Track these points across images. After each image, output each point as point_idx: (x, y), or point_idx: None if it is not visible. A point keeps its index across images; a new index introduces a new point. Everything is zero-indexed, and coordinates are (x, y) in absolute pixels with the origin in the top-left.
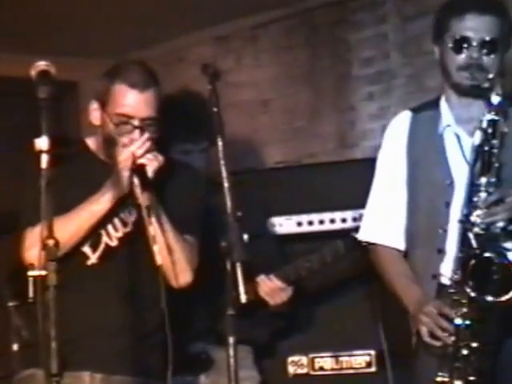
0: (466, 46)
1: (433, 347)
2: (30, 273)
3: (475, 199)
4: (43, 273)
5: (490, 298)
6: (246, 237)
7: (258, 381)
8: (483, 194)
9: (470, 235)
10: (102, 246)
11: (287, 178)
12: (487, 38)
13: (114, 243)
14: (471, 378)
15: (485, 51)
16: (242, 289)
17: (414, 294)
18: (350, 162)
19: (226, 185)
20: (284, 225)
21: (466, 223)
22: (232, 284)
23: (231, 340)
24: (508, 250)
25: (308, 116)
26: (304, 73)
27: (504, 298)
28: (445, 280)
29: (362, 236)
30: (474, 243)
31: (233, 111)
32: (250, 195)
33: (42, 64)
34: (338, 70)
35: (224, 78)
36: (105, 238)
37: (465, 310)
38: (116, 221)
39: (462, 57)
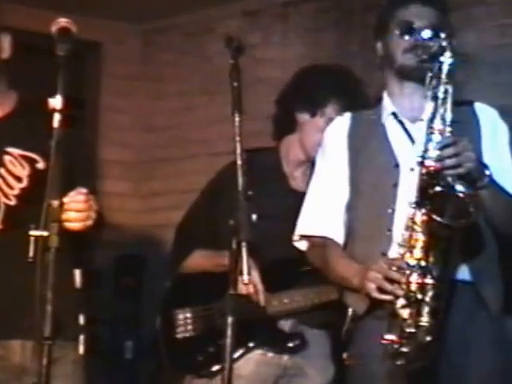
0: (410, 29)
1: (381, 310)
2: (32, 232)
3: (429, 143)
4: (45, 234)
5: (447, 221)
6: (254, 217)
7: (331, 374)
8: (436, 136)
9: (424, 177)
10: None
11: None
12: (430, 24)
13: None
14: (423, 322)
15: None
16: (245, 269)
17: (357, 267)
18: None
19: (239, 162)
20: None
21: (421, 166)
22: (235, 263)
23: (230, 320)
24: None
25: None
26: (331, 56)
27: (463, 222)
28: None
29: (299, 231)
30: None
31: (257, 88)
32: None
33: (62, 21)
34: (366, 56)
35: (250, 53)
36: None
37: (418, 251)
38: None
39: (407, 40)
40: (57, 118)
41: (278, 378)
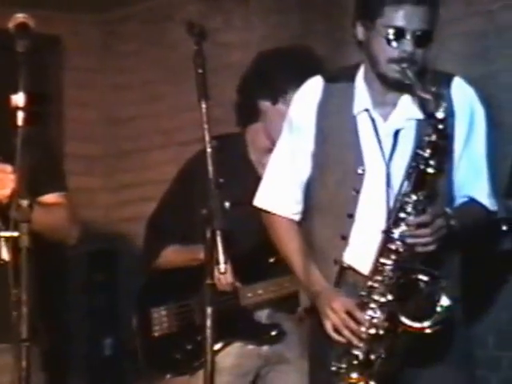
0: (399, 37)
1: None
2: (1, 234)
3: (402, 214)
4: (15, 234)
5: (405, 321)
6: (227, 204)
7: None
8: (412, 211)
9: (392, 247)
10: None
11: None
12: (421, 31)
13: None
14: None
15: (417, 43)
16: (221, 257)
17: (315, 276)
18: None
19: (208, 150)
20: None
21: (389, 236)
22: (211, 253)
23: (209, 310)
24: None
25: None
26: (295, 37)
27: (418, 325)
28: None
29: (257, 202)
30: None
31: (221, 73)
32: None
33: (20, 16)
34: (332, 35)
35: (212, 38)
36: None
37: (375, 318)
38: None
39: (394, 49)
40: (20, 116)
41: (259, 368)
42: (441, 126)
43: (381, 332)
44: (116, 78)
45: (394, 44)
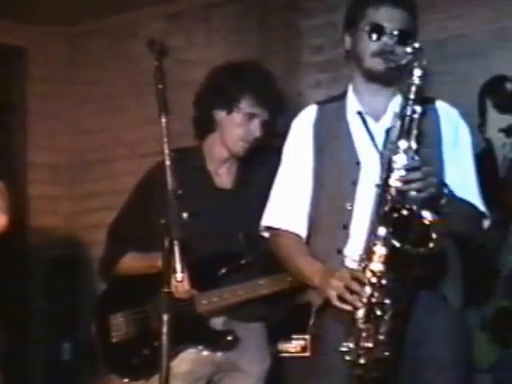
0: (380, 33)
1: (340, 314)
2: None
3: (394, 162)
4: None
5: (409, 248)
6: (185, 215)
7: (267, 364)
8: (402, 157)
9: (388, 196)
10: None
11: None
12: (399, 29)
13: None
14: (381, 338)
15: (397, 41)
16: (178, 266)
17: (319, 267)
18: None
19: (167, 162)
20: None
21: (384, 185)
22: (168, 262)
23: (165, 317)
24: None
25: None
26: (253, 56)
27: (423, 250)
28: (348, 262)
29: (265, 222)
30: (391, 201)
31: (182, 89)
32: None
33: None
34: (288, 55)
35: (174, 55)
36: None
37: (379, 268)
38: None
39: (376, 43)
40: None
41: (212, 374)
42: (421, 73)
43: (383, 281)
44: (80, 90)
45: (375, 37)
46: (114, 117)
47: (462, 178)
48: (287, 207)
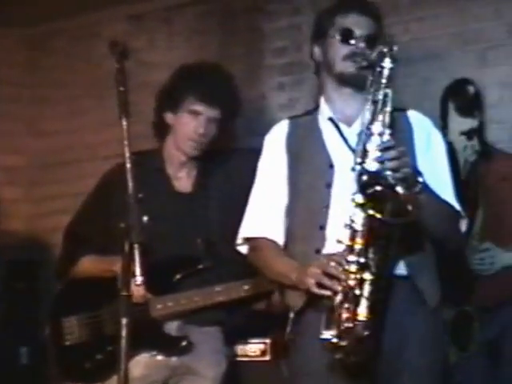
0: (350, 36)
1: (320, 303)
2: None
3: (368, 144)
4: None
5: (387, 218)
6: (145, 218)
7: (223, 368)
8: (376, 138)
9: (364, 178)
10: None
11: None
12: (368, 34)
13: None
14: (361, 318)
15: (366, 45)
16: (138, 270)
17: (295, 264)
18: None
19: (128, 165)
20: None
21: (360, 168)
22: (128, 265)
23: (124, 321)
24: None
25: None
26: (215, 58)
27: (402, 219)
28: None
29: (242, 234)
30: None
31: (144, 91)
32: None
33: None
34: (251, 58)
35: (136, 57)
36: None
37: (358, 245)
38: None
39: (347, 47)
40: None
41: (167, 378)
42: (392, 55)
43: (362, 259)
44: (42, 91)
45: (345, 40)
46: (74, 119)
47: (436, 178)
48: (263, 217)
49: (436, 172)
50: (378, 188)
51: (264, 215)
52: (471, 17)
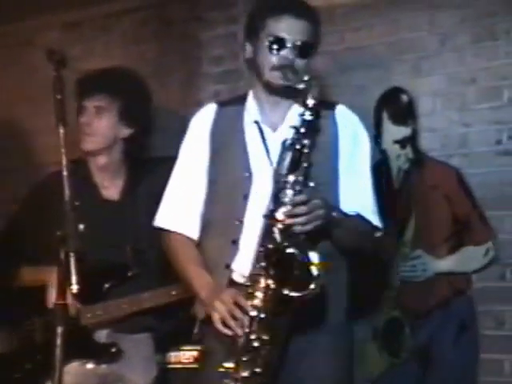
0: (280, 46)
1: (223, 335)
2: None
3: (282, 196)
4: None
5: (288, 292)
6: (81, 226)
7: (153, 374)
8: (290, 192)
9: (275, 230)
10: None
11: None
12: (301, 41)
13: None
14: (257, 370)
15: (298, 54)
16: (74, 278)
17: (207, 280)
18: None
19: (64, 173)
20: None
21: (270, 218)
22: (64, 274)
23: (59, 330)
24: (308, 248)
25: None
26: (152, 67)
27: (301, 294)
28: (236, 276)
29: (157, 222)
30: (277, 238)
31: None
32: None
33: None
34: (188, 66)
35: (73, 65)
36: None
37: (258, 302)
38: None
39: (276, 57)
40: None
41: None
42: (312, 105)
43: (262, 315)
44: None
45: (275, 52)
46: (10, 125)
47: (357, 190)
48: (179, 209)
49: (357, 184)
50: (286, 253)
51: (180, 207)
52: (405, 27)
